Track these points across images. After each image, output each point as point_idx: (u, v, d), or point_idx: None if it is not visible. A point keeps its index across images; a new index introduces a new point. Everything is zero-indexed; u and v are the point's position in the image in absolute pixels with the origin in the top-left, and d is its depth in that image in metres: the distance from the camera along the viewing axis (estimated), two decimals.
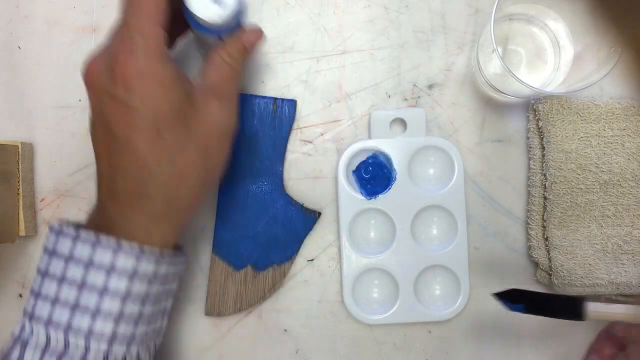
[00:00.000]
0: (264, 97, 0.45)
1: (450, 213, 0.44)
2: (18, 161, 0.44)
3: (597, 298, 0.39)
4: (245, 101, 0.45)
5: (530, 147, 0.45)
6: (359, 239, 0.45)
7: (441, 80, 0.46)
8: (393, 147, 0.44)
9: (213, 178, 0.37)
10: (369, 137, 0.45)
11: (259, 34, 0.37)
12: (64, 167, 0.46)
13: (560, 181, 0.42)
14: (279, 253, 0.45)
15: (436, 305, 0.45)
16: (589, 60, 0.42)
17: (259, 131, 0.45)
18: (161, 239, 0.34)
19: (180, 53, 0.45)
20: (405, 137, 0.45)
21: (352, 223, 0.44)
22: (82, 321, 0.32)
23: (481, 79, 0.45)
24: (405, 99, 0.46)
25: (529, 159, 0.45)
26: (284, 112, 0.45)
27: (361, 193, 0.44)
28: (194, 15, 0.34)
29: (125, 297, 0.32)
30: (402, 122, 0.45)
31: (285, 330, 0.45)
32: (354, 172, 0.45)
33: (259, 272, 0.45)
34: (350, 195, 0.44)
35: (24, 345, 0.32)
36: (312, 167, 0.46)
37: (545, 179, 0.43)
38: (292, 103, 0.45)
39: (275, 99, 0.45)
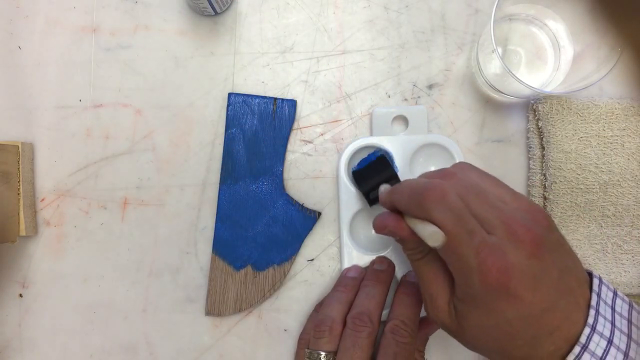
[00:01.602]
0: (264, 97, 0.45)
1: None
2: (18, 161, 0.44)
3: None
4: (246, 101, 0.45)
5: (530, 147, 0.45)
6: (360, 236, 0.45)
7: (441, 80, 0.46)
8: (394, 145, 0.44)
9: None
10: (371, 134, 0.45)
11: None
12: (64, 167, 0.46)
13: (560, 181, 0.42)
14: (279, 253, 0.45)
15: None
16: (589, 60, 0.42)
17: (259, 131, 0.45)
18: None
19: None
20: (406, 135, 0.45)
21: (353, 220, 0.44)
22: None
23: (481, 79, 0.45)
24: (405, 99, 0.46)
25: (529, 159, 0.45)
26: (284, 112, 0.45)
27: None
28: None
29: None
30: (404, 120, 0.45)
31: (285, 330, 0.45)
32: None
33: (259, 272, 0.45)
34: (352, 192, 0.44)
35: None
36: (312, 167, 0.46)
37: (545, 179, 0.43)
38: (292, 103, 0.45)
39: (276, 99, 0.45)
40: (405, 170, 0.44)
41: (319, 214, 0.45)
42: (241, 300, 0.45)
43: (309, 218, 0.45)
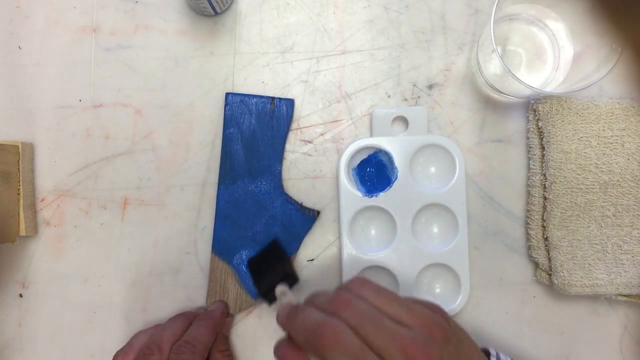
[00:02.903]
0: (261, 97, 0.45)
1: (451, 211, 0.44)
2: (18, 161, 0.44)
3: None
4: (243, 101, 0.45)
5: (530, 147, 0.45)
6: (360, 237, 0.45)
7: (441, 80, 0.46)
8: (394, 145, 0.44)
9: None
10: (371, 135, 0.45)
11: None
12: (64, 167, 0.46)
13: (560, 181, 0.42)
14: None
15: None
16: (589, 60, 0.42)
17: (257, 131, 0.45)
18: None
19: None
20: (406, 135, 0.45)
21: (352, 221, 0.44)
22: None
23: (481, 79, 0.45)
24: (405, 99, 0.46)
25: (529, 159, 0.45)
26: (282, 111, 0.45)
27: (362, 191, 0.44)
28: None
29: None
30: (404, 120, 0.45)
31: None
32: (355, 169, 0.45)
33: None
34: (351, 192, 0.44)
35: None
36: (312, 167, 0.46)
37: (545, 179, 0.43)
38: (290, 102, 0.45)
39: (273, 98, 0.45)
40: (405, 170, 0.44)
41: (318, 212, 0.45)
42: (241, 300, 0.45)
43: (307, 217, 0.45)
